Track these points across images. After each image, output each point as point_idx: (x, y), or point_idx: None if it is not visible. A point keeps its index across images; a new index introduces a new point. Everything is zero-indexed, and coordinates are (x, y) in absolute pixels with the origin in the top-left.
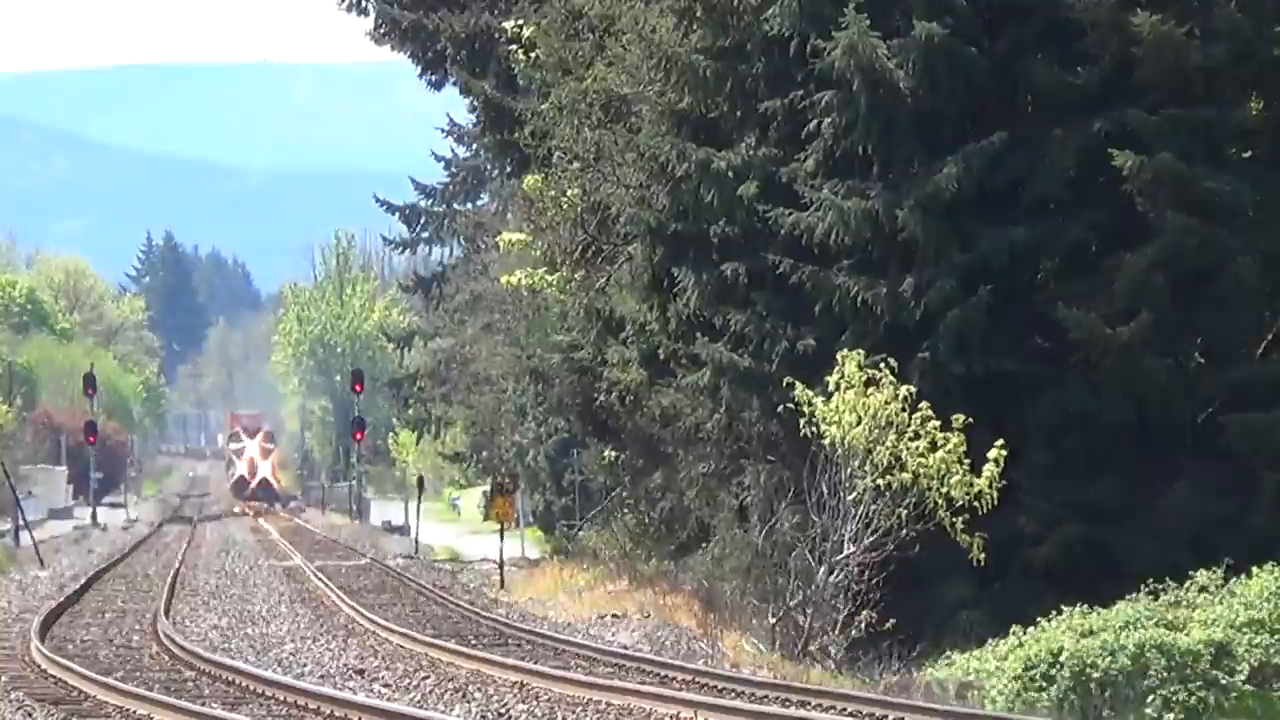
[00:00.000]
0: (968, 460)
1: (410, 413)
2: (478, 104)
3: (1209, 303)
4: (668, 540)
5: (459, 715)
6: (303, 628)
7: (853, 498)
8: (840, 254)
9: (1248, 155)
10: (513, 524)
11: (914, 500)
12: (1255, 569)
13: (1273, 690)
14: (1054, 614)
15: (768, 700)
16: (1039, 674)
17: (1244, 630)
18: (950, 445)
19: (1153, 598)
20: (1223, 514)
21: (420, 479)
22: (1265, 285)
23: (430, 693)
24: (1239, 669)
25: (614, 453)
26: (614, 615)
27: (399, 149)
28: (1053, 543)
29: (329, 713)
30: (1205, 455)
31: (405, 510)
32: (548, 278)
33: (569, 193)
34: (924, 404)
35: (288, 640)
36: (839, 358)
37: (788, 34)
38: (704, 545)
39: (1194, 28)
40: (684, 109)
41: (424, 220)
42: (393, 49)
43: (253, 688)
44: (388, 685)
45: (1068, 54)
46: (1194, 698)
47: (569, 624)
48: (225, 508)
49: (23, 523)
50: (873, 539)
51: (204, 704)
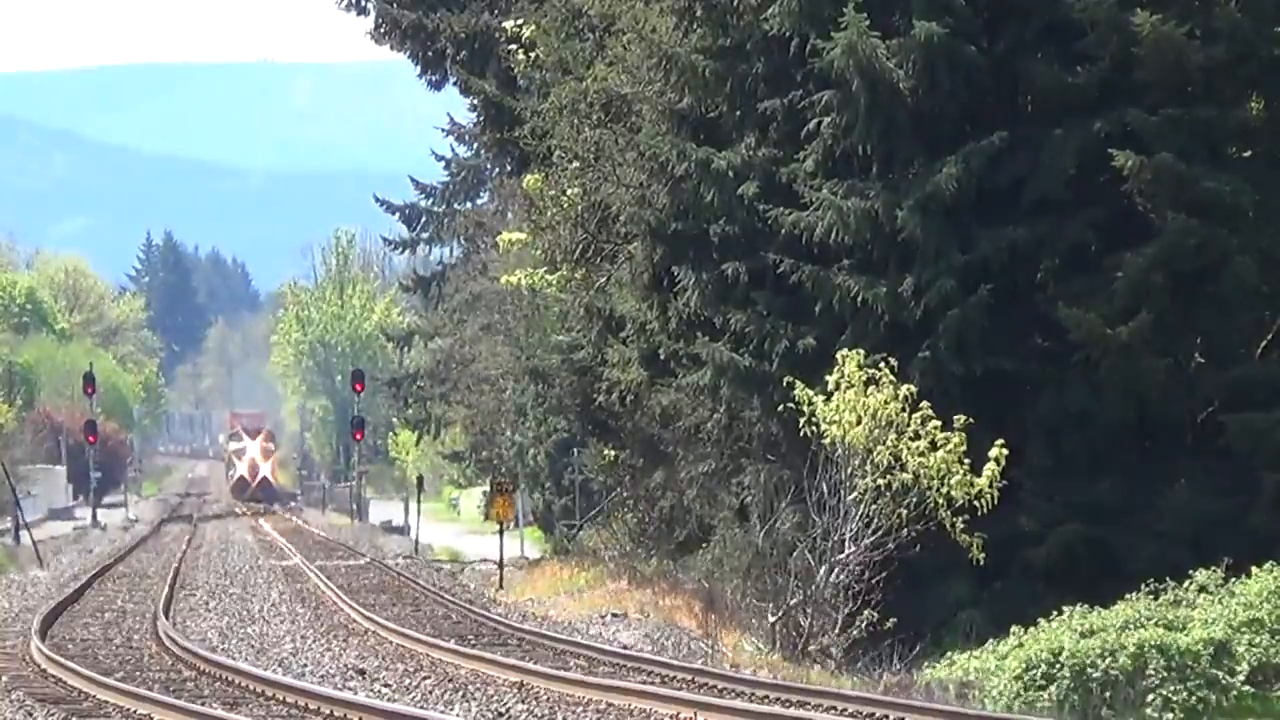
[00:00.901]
0: (968, 460)
1: (410, 412)
2: (478, 104)
3: (1209, 303)
4: (668, 540)
5: (459, 715)
6: (302, 628)
7: (853, 497)
8: (840, 254)
9: (1248, 155)
10: (512, 524)
11: (914, 500)
12: (1255, 569)
13: (1272, 690)
14: (1054, 614)
15: (768, 700)
16: (1039, 674)
17: (1244, 630)
18: (950, 445)
19: (1153, 598)
20: (1223, 514)
21: (420, 479)
22: (1265, 285)
23: (430, 693)
24: (1239, 669)
25: (614, 452)
26: (614, 615)
27: (399, 149)
28: (1053, 542)
29: (329, 713)
30: (1205, 455)
31: (405, 510)
32: (548, 277)
33: (569, 192)
34: (924, 404)
35: (287, 640)
36: (839, 357)
37: (787, 34)
38: (704, 545)
39: (1194, 28)
40: (684, 109)
41: (424, 220)
42: (393, 49)
43: (253, 688)
44: (388, 685)
45: (1068, 54)
46: (1194, 697)
47: (569, 624)
48: (225, 507)
49: (22, 522)
50: (873, 539)
51: (204, 704)
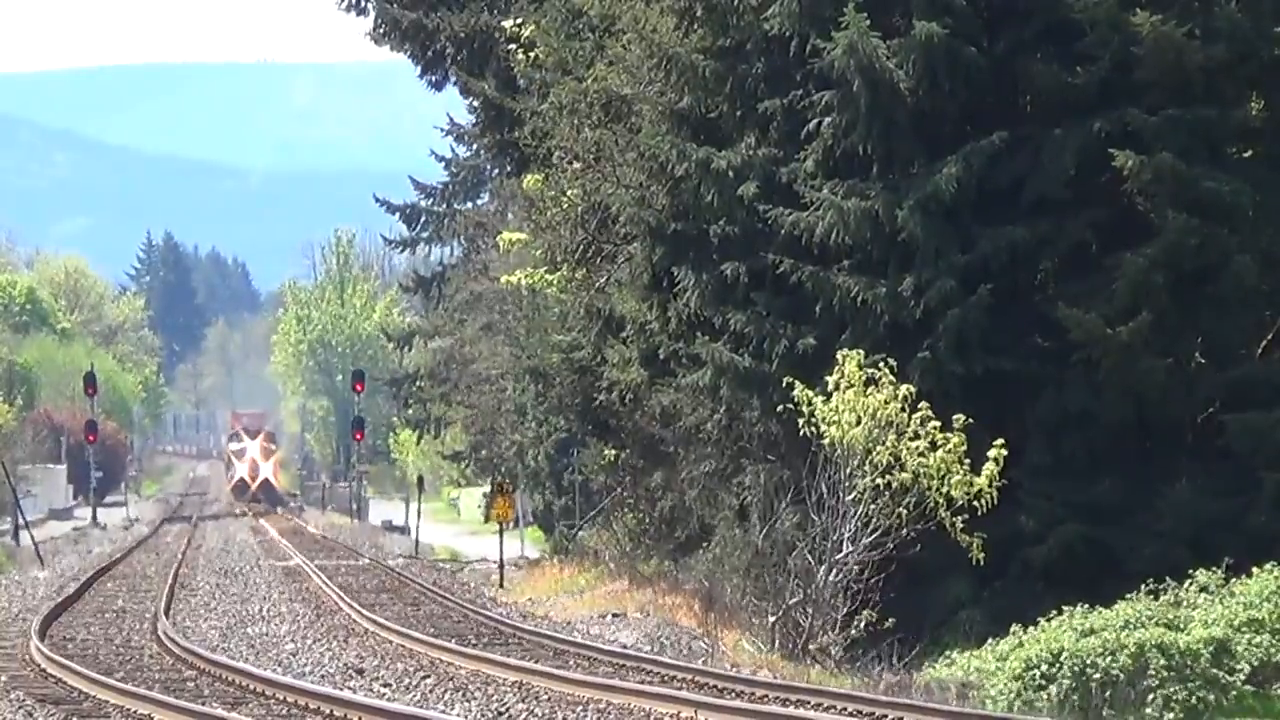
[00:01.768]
0: (968, 460)
1: (410, 412)
2: (478, 104)
3: (1209, 303)
4: (668, 540)
5: (459, 715)
6: (303, 627)
7: (852, 497)
8: (840, 254)
9: (1248, 155)
10: (512, 524)
11: (914, 500)
12: (1255, 569)
13: (1273, 690)
14: (1054, 614)
15: (768, 700)
16: (1039, 674)
17: (1244, 630)
18: (950, 445)
19: (1153, 597)
20: (1223, 514)
21: (420, 478)
22: (1265, 285)
23: (430, 692)
24: (1239, 668)
25: (614, 452)
26: (614, 615)
27: (399, 149)
28: (1053, 542)
29: (329, 713)
30: (1205, 455)
31: (405, 510)
32: (548, 277)
33: (569, 193)
34: (924, 404)
35: (288, 640)
36: (839, 357)
37: (787, 34)
38: (704, 545)
39: (1194, 28)
40: (684, 109)
41: (424, 220)
42: (392, 49)
43: (253, 687)
44: (388, 685)
45: (1068, 54)
46: (1194, 697)
47: (569, 623)
48: (225, 507)
49: (23, 522)
50: (872, 538)
51: (204, 704)
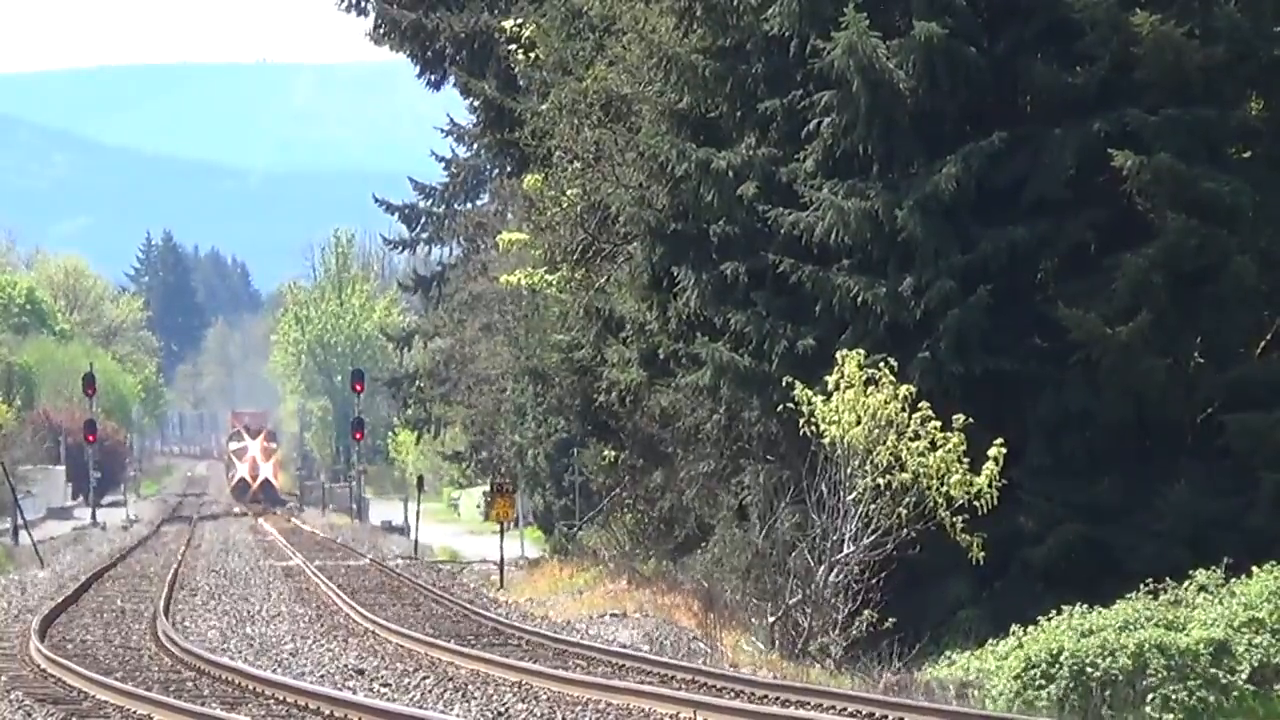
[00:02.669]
0: (967, 460)
1: (410, 412)
2: (478, 104)
3: (1209, 303)
4: (667, 540)
5: (459, 715)
6: (302, 628)
7: (852, 497)
8: (840, 254)
9: (1248, 155)
10: (512, 524)
11: (914, 500)
12: (1255, 569)
13: (1273, 690)
14: (1054, 614)
15: (768, 700)
16: (1039, 673)
17: (1244, 630)
18: (950, 445)
19: (1153, 597)
20: (1223, 514)
21: (420, 479)
22: (1265, 285)
23: (430, 692)
24: (1239, 668)
25: (614, 453)
26: (613, 615)
27: (399, 149)
28: (1053, 542)
29: (329, 713)
30: (1205, 455)
31: (405, 510)
32: (548, 277)
33: (569, 193)
34: (924, 404)
35: (287, 640)
36: (839, 357)
37: (787, 34)
38: (704, 545)
39: (1194, 28)
40: (684, 109)
41: (424, 220)
42: (392, 49)
43: (252, 688)
44: (387, 685)
45: (1068, 54)
46: (1194, 697)
47: (569, 623)
48: (224, 507)
49: (22, 522)
50: (873, 538)
51: (203, 704)
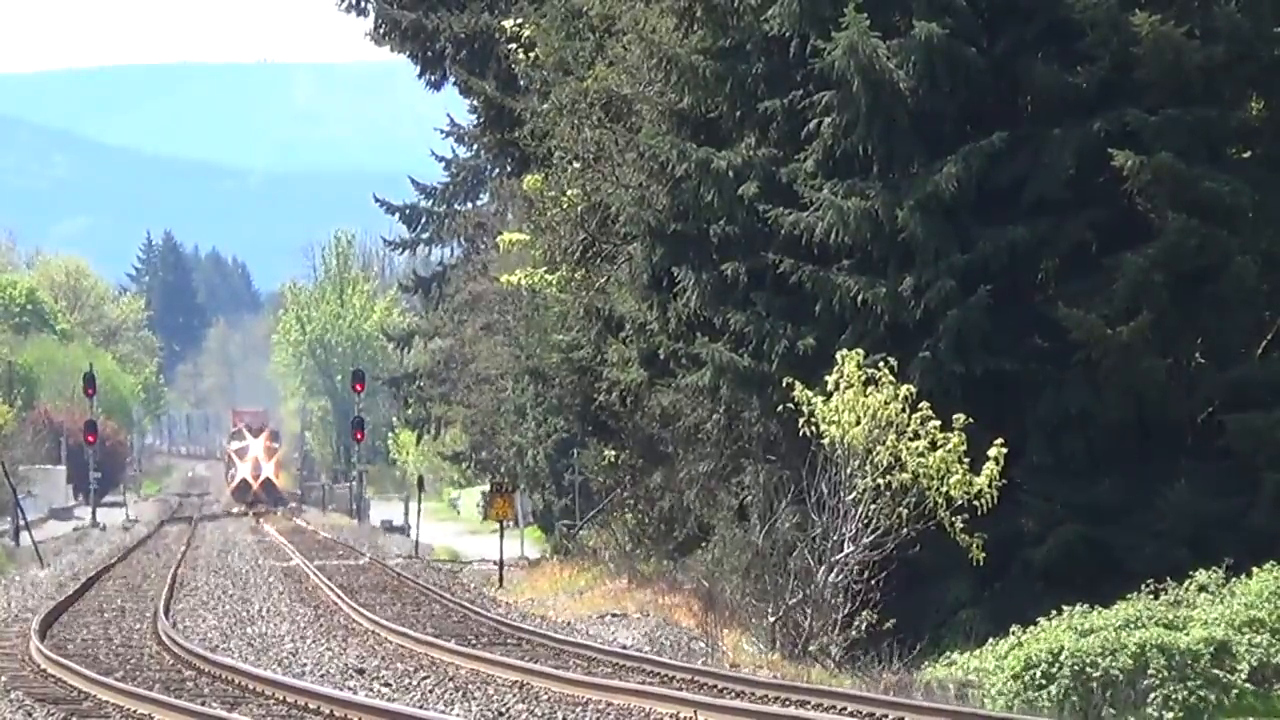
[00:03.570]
0: (968, 460)
1: (410, 412)
2: (478, 104)
3: (1209, 303)
4: (667, 540)
5: (459, 715)
6: (302, 627)
7: (852, 497)
8: (840, 254)
9: (1248, 155)
10: (512, 524)
11: (914, 500)
12: (1255, 569)
13: (1273, 690)
14: (1054, 614)
15: (768, 700)
16: (1039, 673)
17: (1244, 630)
18: (950, 445)
19: (1153, 597)
20: (1223, 514)
21: (420, 479)
22: (1265, 285)
23: (430, 692)
24: (1239, 668)
25: (614, 452)
26: (614, 615)
27: (399, 149)
28: (1053, 542)
29: (329, 713)
30: (1205, 455)
31: (405, 510)
32: (548, 277)
33: (569, 193)
34: (924, 404)
35: (287, 640)
36: (839, 357)
37: (787, 34)
38: (704, 545)
39: (1194, 28)
40: (684, 109)
41: (424, 220)
42: (393, 49)
43: (252, 687)
44: (388, 685)
45: (1068, 54)
46: (1194, 697)
47: (569, 624)
48: (225, 508)
49: (23, 522)
50: (873, 539)
51: (204, 704)
